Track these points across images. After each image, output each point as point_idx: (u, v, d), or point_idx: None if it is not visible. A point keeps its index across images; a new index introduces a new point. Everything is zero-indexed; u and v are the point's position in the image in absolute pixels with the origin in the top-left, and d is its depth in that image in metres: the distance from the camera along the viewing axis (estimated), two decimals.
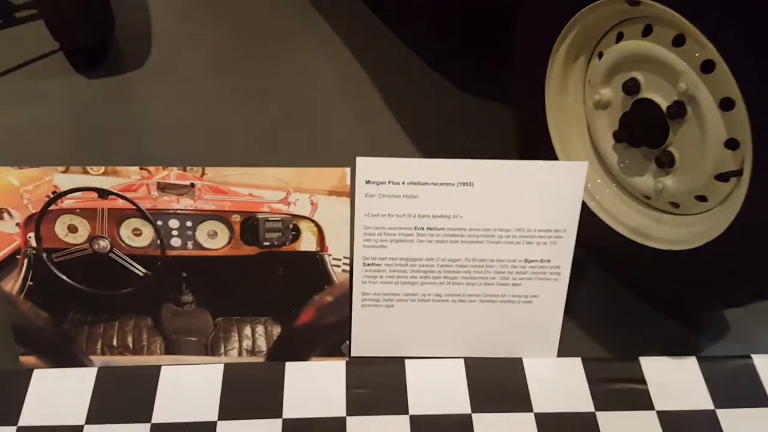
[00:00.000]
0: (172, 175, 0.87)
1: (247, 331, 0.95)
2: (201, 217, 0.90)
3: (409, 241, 0.92)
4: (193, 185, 0.88)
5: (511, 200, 0.90)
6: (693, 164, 0.91)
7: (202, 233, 0.91)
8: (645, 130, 0.95)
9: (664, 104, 0.91)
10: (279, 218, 0.90)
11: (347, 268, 0.93)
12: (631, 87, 0.95)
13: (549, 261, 0.94)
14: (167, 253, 0.91)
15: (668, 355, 1.00)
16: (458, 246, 0.92)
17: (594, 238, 1.04)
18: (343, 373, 0.95)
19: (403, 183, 0.89)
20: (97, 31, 1.44)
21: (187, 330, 0.95)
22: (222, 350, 0.97)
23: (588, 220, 0.95)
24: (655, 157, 0.96)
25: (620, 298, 1.08)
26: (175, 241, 0.91)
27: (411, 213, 0.90)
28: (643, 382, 0.96)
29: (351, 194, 0.89)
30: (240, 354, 0.96)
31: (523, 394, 0.94)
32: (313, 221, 0.90)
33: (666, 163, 0.94)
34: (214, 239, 0.91)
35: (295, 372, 0.95)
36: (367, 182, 0.89)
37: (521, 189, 0.90)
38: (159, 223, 0.90)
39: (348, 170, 0.88)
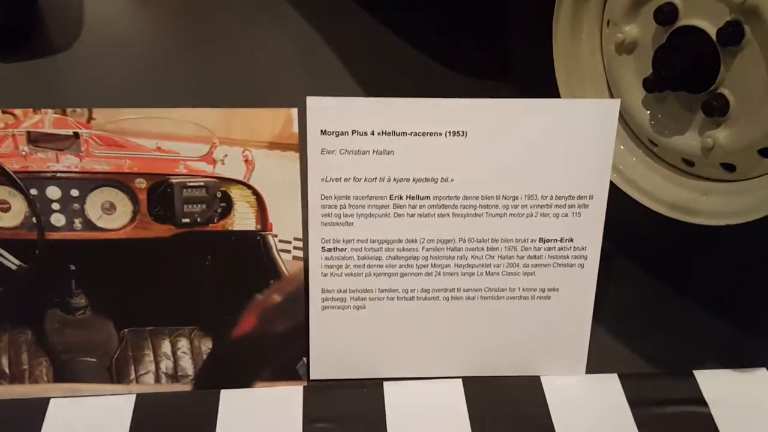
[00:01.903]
0: (47, 121, 0.72)
1: (166, 347, 0.82)
2: (91, 182, 0.76)
3: (383, 215, 0.79)
4: (77, 135, 0.73)
5: (518, 156, 0.78)
6: (755, 106, 0.78)
7: (93, 206, 0.77)
8: (687, 67, 0.82)
9: (711, 29, 0.79)
10: (201, 183, 0.76)
11: (300, 254, 0.80)
12: (666, 14, 0.83)
13: (572, 240, 0.81)
14: (47, 236, 0.77)
15: (731, 366, 0.89)
16: (449, 221, 0.80)
17: (620, 221, 0.90)
18: (300, 402, 0.83)
19: (373, 133, 0.76)
20: (14, 9, 1.40)
21: (82, 347, 0.82)
22: (132, 375, 0.83)
23: (610, 198, 0.84)
24: (702, 103, 0.83)
25: (665, 295, 0.98)
26: (58, 219, 0.77)
27: (385, 176, 0.78)
28: (703, 402, 0.84)
29: (301, 150, 0.75)
30: (157, 380, 0.83)
31: (543, 423, 0.82)
32: (249, 187, 0.77)
33: (717, 109, 0.82)
34: (112, 215, 0.77)
35: (233, 403, 0.83)
36: (323, 132, 0.75)
37: (532, 139, 0.77)
38: (33, 192, 0.76)
39: (295, 111, 0.73)
